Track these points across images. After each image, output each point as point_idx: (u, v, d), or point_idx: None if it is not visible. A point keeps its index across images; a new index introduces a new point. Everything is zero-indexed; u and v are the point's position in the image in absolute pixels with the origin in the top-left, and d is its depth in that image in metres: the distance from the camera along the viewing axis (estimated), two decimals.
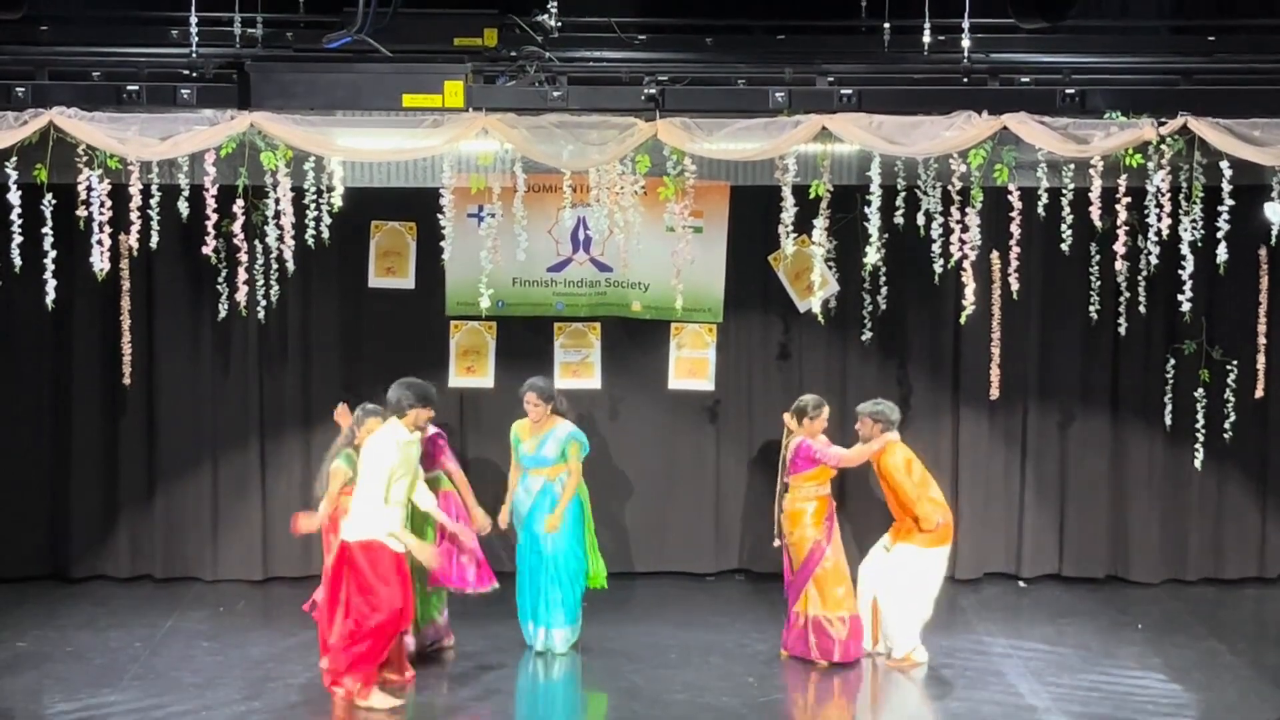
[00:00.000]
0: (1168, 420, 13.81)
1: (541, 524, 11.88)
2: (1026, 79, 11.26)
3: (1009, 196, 11.37)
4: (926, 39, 11.09)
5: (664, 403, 13.94)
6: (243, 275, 11.71)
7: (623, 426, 13.99)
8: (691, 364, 13.85)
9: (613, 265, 13.50)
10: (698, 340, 13.82)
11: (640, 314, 13.75)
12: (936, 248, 11.78)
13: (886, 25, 11.58)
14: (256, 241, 12.33)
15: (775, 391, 13.87)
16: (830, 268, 13.39)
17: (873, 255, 11.48)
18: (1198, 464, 13.78)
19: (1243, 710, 10.88)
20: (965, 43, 10.94)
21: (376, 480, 10.76)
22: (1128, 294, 13.34)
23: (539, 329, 13.86)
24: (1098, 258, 13.25)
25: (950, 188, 11.39)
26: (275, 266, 12.69)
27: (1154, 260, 11.47)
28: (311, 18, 11.62)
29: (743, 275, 13.80)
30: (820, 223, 11.67)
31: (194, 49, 10.75)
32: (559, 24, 11.07)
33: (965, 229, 11.41)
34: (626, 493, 13.97)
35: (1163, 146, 11.01)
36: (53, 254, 11.06)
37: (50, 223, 11.01)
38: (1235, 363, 13.72)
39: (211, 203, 11.05)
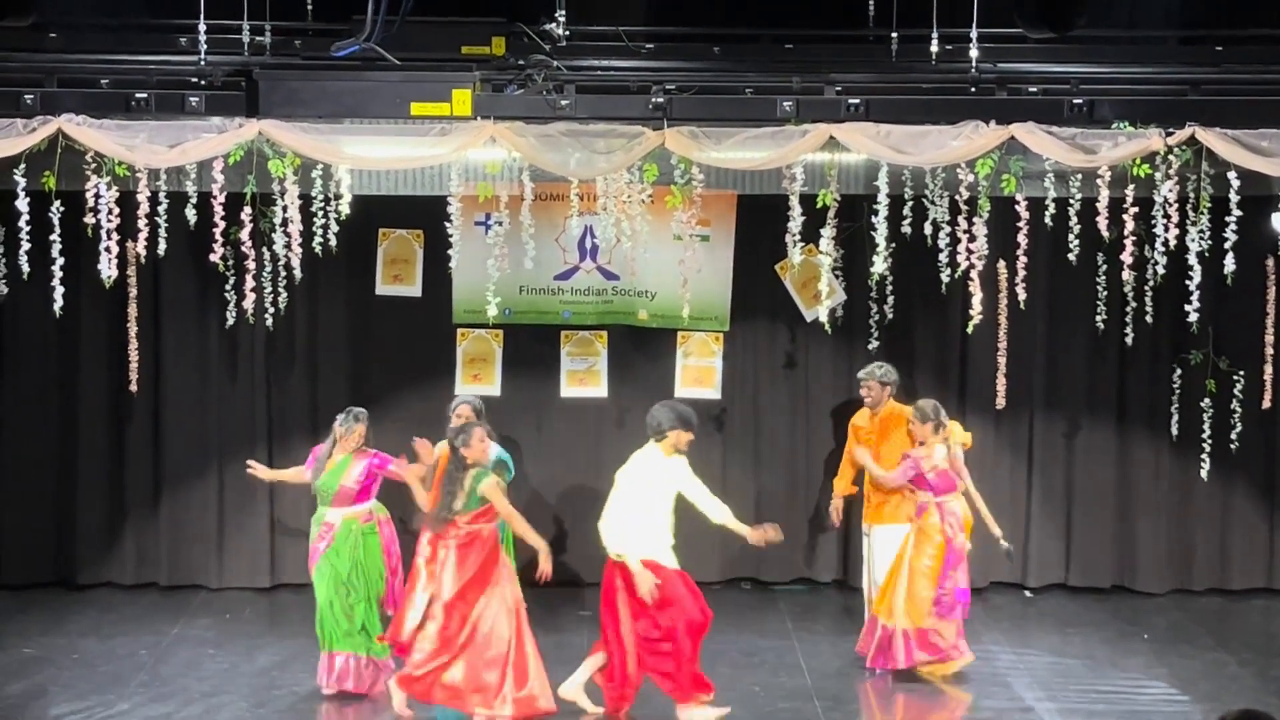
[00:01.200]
0: (1174, 430, 13.81)
1: None
2: (1034, 89, 11.26)
3: (1016, 206, 11.36)
4: (934, 48, 11.07)
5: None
6: (250, 283, 11.71)
7: (629, 435, 13.88)
8: (698, 372, 13.85)
9: (620, 274, 13.51)
10: (704, 349, 13.82)
11: (647, 322, 13.76)
12: (944, 257, 11.77)
13: (894, 35, 11.58)
14: (264, 249, 12.35)
15: (782, 400, 13.88)
16: (837, 277, 13.39)
17: (880, 264, 11.48)
18: (1204, 474, 13.78)
19: None
20: (973, 52, 10.91)
21: (658, 499, 10.75)
22: (1134, 304, 13.33)
23: (546, 337, 13.87)
24: (1104, 268, 13.24)
25: (958, 197, 11.38)
26: (283, 274, 12.71)
27: (1161, 270, 11.47)
28: (320, 26, 11.62)
29: (750, 284, 13.80)
30: (827, 232, 11.67)
31: (202, 57, 10.74)
32: (567, 33, 11.06)
33: (972, 238, 11.40)
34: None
35: (1170, 157, 10.99)
36: (60, 261, 11.07)
37: (58, 230, 11.01)
38: (1242, 373, 13.71)
39: (219, 210, 11.05)
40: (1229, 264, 11.10)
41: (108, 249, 11.04)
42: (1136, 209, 11.17)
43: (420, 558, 10.78)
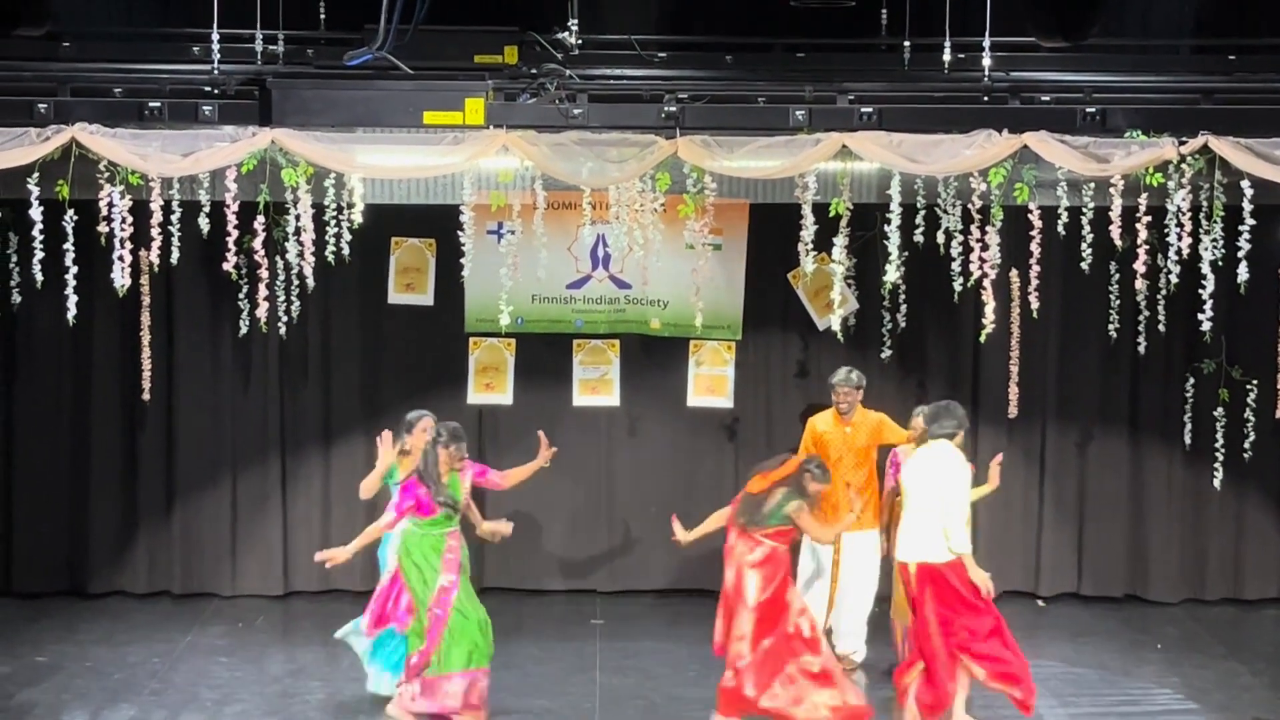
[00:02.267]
0: (1187, 439, 13.79)
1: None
2: (1047, 98, 11.25)
3: (1029, 215, 11.36)
4: (947, 57, 11.11)
5: (683, 420, 13.93)
6: (263, 291, 11.73)
7: (641, 444, 13.99)
8: (710, 381, 13.85)
9: (632, 282, 13.52)
10: (716, 358, 13.82)
11: (659, 331, 13.76)
12: (956, 266, 11.78)
13: (907, 44, 11.62)
14: (277, 258, 12.36)
15: (794, 409, 13.85)
16: (850, 286, 13.40)
17: (892, 273, 11.47)
18: (1217, 483, 13.76)
19: None
20: (986, 61, 10.94)
21: (965, 502, 10.64)
22: (1147, 313, 13.33)
23: (558, 346, 13.87)
24: (1117, 276, 13.24)
25: (970, 206, 11.38)
26: (295, 283, 12.73)
27: (1174, 279, 11.46)
28: (333, 35, 11.68)
29: (762, 293, 13.80)
30: (840, 241, 11.67)
31: (215, 66, 10.78)
32: (579, 42, 11.10)
33: (985, 247, 11.40)
34: (644, 510, 13.94)
35: (1183, 166, 11.00)
36: (74, 270, 11.08)
37: (72, 238, 11.02)
38: (1255, 382, 13.68)
39: (232, 219, 11.06)
40: (1242, 273, 11.09)
41: (121, 258, 11.04)
42: (1149, 218, 11.17)
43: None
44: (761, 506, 10.62)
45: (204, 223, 11.32)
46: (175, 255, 11.46)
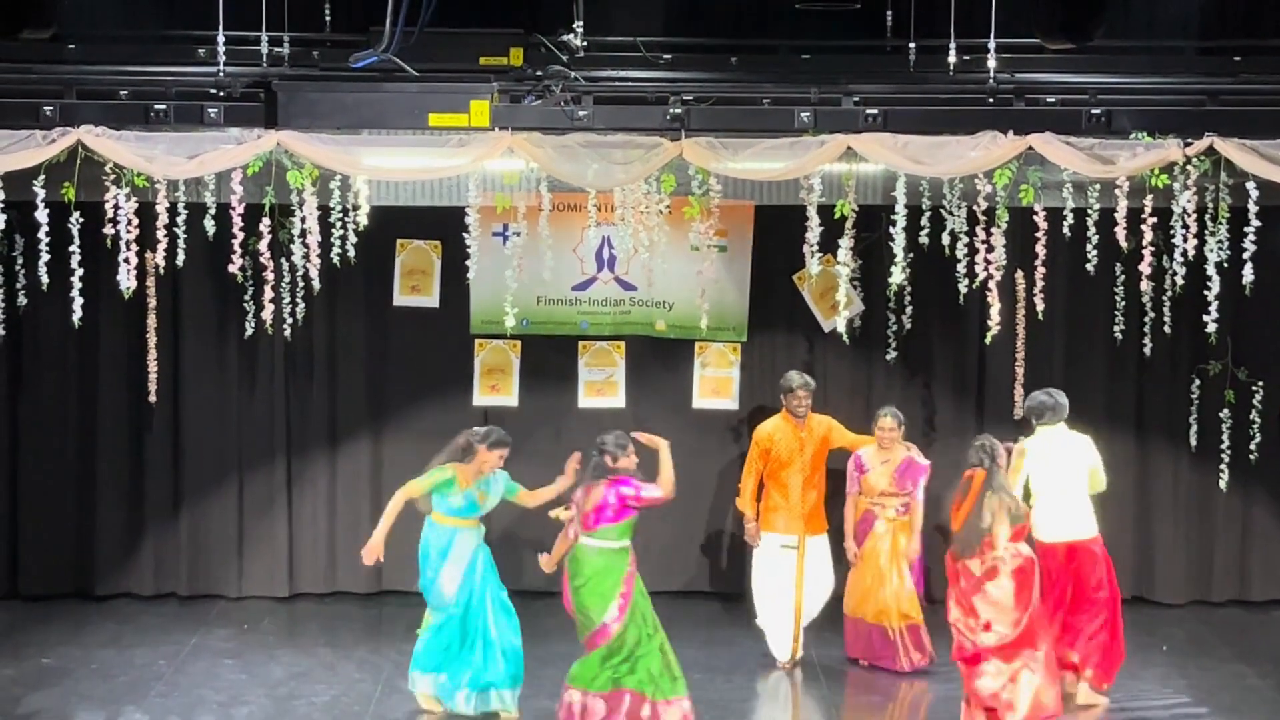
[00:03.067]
0: (1193, 441, 13.78)
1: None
2: (1052, 99, 11.25)
3: (1034, 217, 11.36)
4: (952, 59, 11.09)
5: (688, 422, 13.91)
6: (269, 293, 11.74)
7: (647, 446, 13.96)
8: (716, 383, 13.85)
9: (637, 284, 13.52)
10: (722, 359, 13.82)
11: (665, 333, 13.76)
12: (961, 268, 11.78)
13: (912, 45, 11.62)
14: (282, 260, 12.37)
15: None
16: (855, 287, 13.39)
17: (898, 275, 11.48)
18: (1223, 485, 13.75)
19: None
20: (991, 63, 10.93)
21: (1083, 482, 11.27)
22: (1153, 314, 13.33)
23: (563, 348, 13.88)
24: (1123, 278, 13.23)
25: (975, 208, 11.38)
26: (301, 285, 12.73)
27: (1179, 281, 11.46)
28: (338, 37, 11.70)
29: (767, 295, 13.80)
30: (845, 242, 11.68)
31: (221, 68, 10.80)
32: (584, 44, 11.11)
33: (990, 249, 11.40)
34: (650, 512, 13.89)
35: (1189, 167, 11.00)
36: (79, 272, 11.10)
37: (77, 241, 11.06)
38: (1261, 384, 13.68)
39: (238, 221, 11.07)
40: (1248, 274, 11.09)
41: (126, 260, 11.06)
42: (1155, 219, 11.17)
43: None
44: (979, 525, 10.44)
45: (210, 225, 11.34)
46: (181, 257, 11.47)
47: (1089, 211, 11.48)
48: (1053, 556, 11.20)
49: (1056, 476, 11.34)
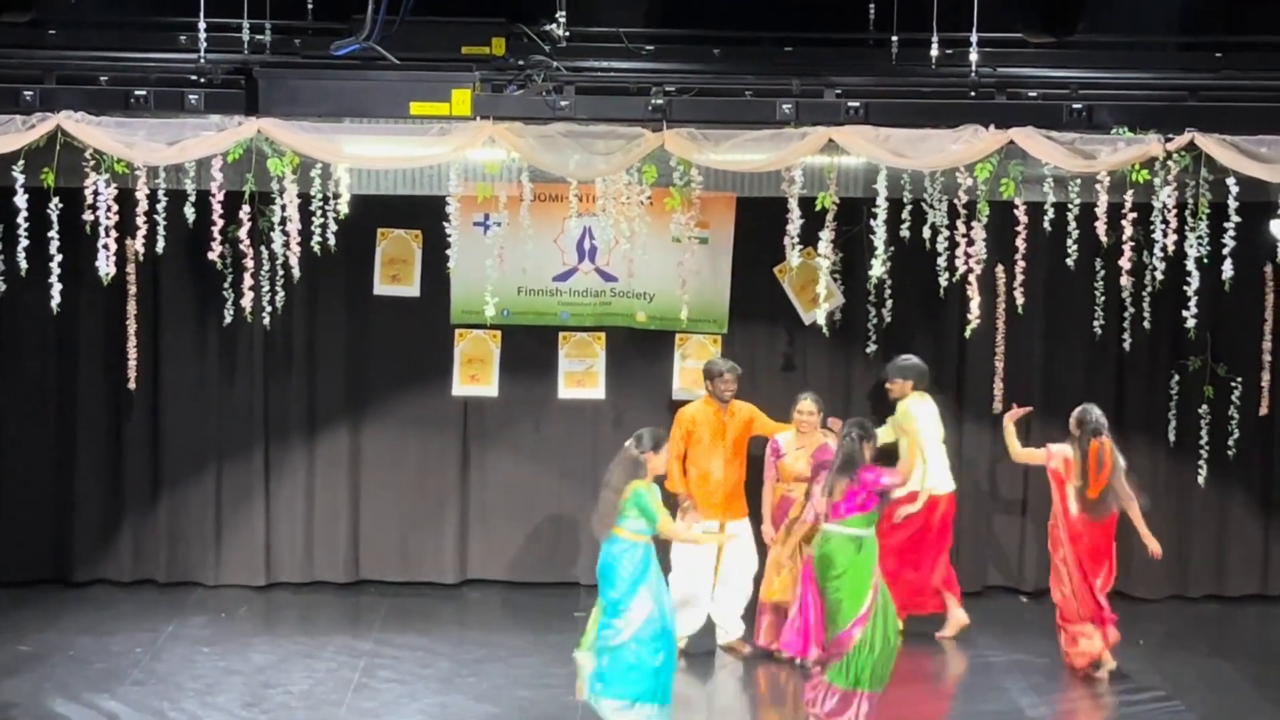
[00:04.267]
0: (1171, 436, 13.80)
1: None
2: (1034, 93, 11.26)
3: (1015, 211, 11.36)
4: (934, 52, 11.10)
5: (669, 413, 13.83)
6: (248, 281, 11.71)
7: (627, 436, 13.82)
8: (696, 374, 13.73)
9: (618, 275, 13.51)
10: (702, 351, 13.80)
11: (645, 324, 13.75)
12: (942, 261, 11.78)
13: (894, 38, 11.61)
14: (263, 248, 12.34)
15: (779, 403, 13.78)
16: (835, 280, 13.40)
17: (878, 268, 11.49)
18: (1201, 481, 13.78)
19: None
20: (973, 56, 10.95)
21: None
22: (1132, 309, 13.34)
23: (544, 338, 13.86)
24: (1103, 273, 13.23)
25: (956, 201, 11.38)
26: (281, 273, 12.71)
27: (1159, 276, 11.47)
28: (320, 25, 11.66)
29: (748, 286, 13.79)
30: (826, 235, 11.67)
31: (202, 55, 10.77)
32: (567, 34, 11.09)
33: (970, 242, 11.40)
34: None
35: (1169, 162, 11.00)
36: (59, 258, 11.08)
37: (57, 226, 11.03)
38: (1240, 380, 13.71)
39: (218, 208, 11.04)
40: (1227, 270, 11.12)
41: (106, 246, 11.03)
42: (1135, 214, 11.18)
43: None
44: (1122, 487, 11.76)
45: (190, 212, 11.29)
46: (161, 244, 11.43)
47: (1069, 206, 11.48)
48: (937, 506, 12.58)
49: (937, 434, 12.62)
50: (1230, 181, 10.92)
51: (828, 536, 10.52)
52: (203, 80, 10.86)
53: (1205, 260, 11.32)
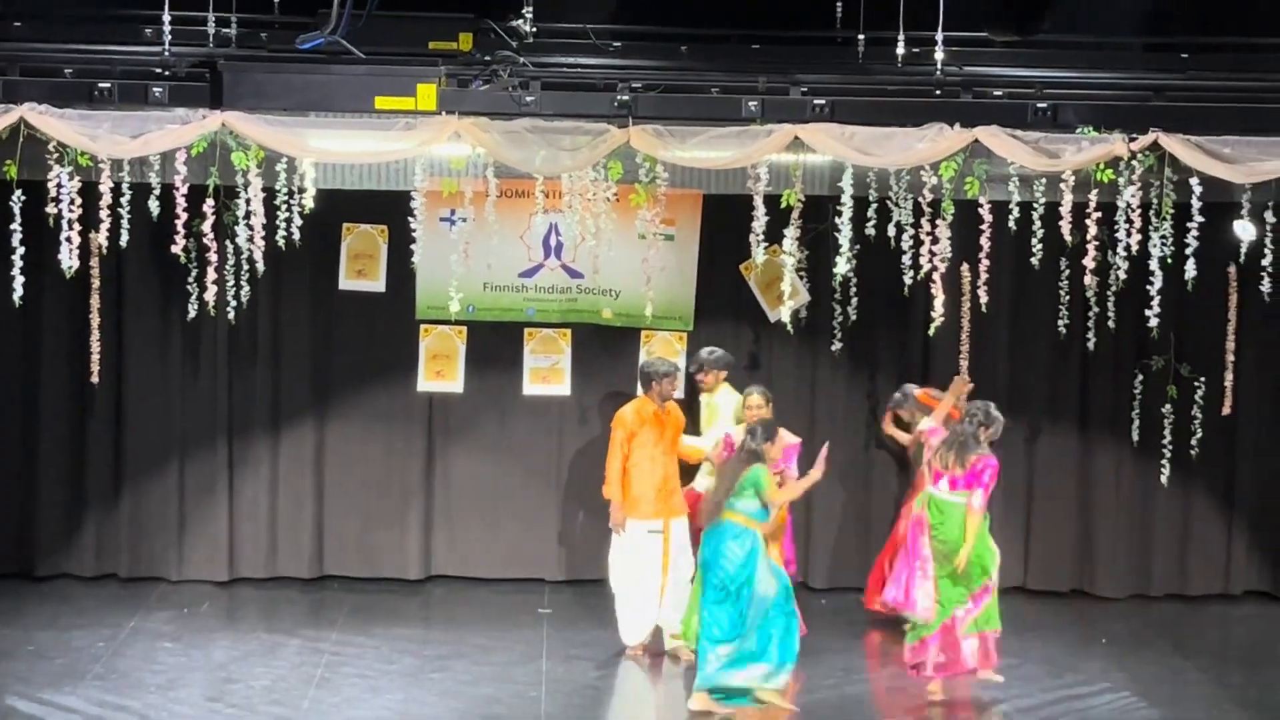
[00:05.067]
0: (1135, 436, 13.85)
1: None
2: (999, 92, 11.29)
3: (980, 210, 11.38)
4: (900, 51, 11.11)
5: None
6: (212, 275, 11.66)
7: (592, 433, 13.95)
8: None
9: (584, 272, 13.50)
10: (668, 348, 13.80)
11: (611, 321, 13.74)
12: (907, 259, 11.77)
13: (861, 37, 11.61)
14: (228, 242, 12.29)
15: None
16: (801, 278, 13.41)
17: (843, 266, 11.49)
18: (1164, 480, 13.82)
19: None
20: (939, 55, 10.95)
21: None
22: (1097, 309, 13.38)
23: (509, 334, 13.84)
24: (1068, 272, 13.27)
25: (921, 200, 11.39)
26: (246, 267, 12.67)
27: (1123, 276, 11.50)
28: (286, 19, 11.60)
29: (714, 284, 13.80)
30: (791, 232, 11.67)
31: (167, 48, 10.72)
32: (534, 29, 11.07)
33: (935, 241, 11.42)
34: (596, 499, 13.90)
35: (1134, 162, 11.03)
36: (21, 251, 11.01)
37: (19, 219, 10.96)
38: (1203, 380, 13.76)
39: (182, 202, 11.00)
40: (1190, 270, 11.15)
41: (69, 239, 10.96)
42: (1100, 214, 11.20)
43: None
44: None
45: (154, 205, 11.24)
46: (125, 237, 11.38)
47: (1034, 205, 11.50)
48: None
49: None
50: (1194, 182, 10.95)
51: (940, 504, 11.23)
52: (167, 73, 10.83)
53: (1169, 260, 11.35)
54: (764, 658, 11.02)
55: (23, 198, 10.95)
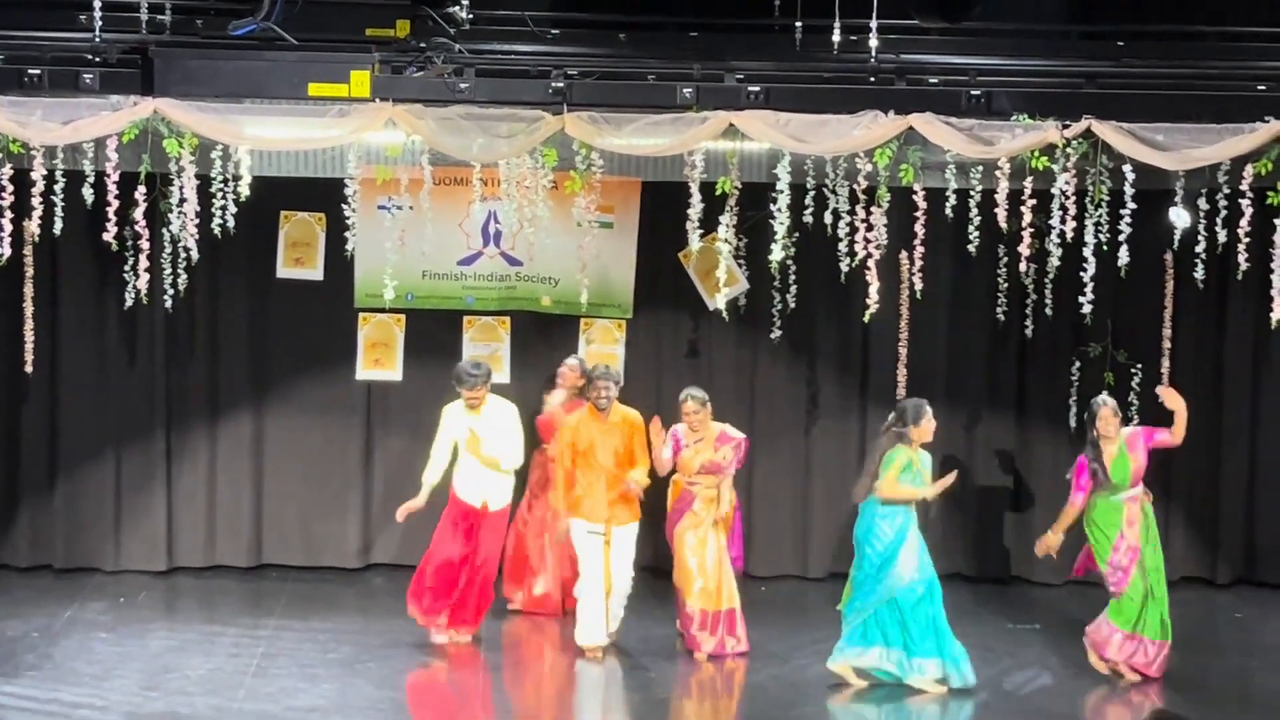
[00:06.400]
0: (1073, 423, 13.88)
1: None
2: (934, 80, 11.33)
3: (915, 197, 11.40)
4: (836, 38, 11.12)
5: None
6: (144, 263, 11.59)
7: (532, 420, 13.92)
8: (600, 359, 13.75)
9: (523, 259, 13.48)
10: (607, 336, 13.80)
11: (550, 309, 13.74)
12: (843, 246, 11.79)
13: (798, 24, 11.62)
14: (163, 230, 12.22)
15: (684, 388, 13.80)
16: (740, 266, 13.41)
17: (778, 252, 11.50)
18: None
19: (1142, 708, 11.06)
20: (873, 42, 10.98)
21: None
22: (1034, 296, 13.43)
23: (448, 322, 13.82)
24: (1004, 260, 13.31)
25: (857, 186, 11.41)
26: (183, 255, 12.60)
27: (1057, 262, 11.54)
28: (221, 5, 11.53)
29: (654, 272, 13.79)
30: (727, 220, 11.67)
31: (98, 34, 10.66)
32: (471, 16, 11.05)
33: (870, 228, 11.44)
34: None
35: (1068, 150, 11.08)
36: None
37: None
38: (1140, 366, 13.82)
39: (113, 189, 10.92)
40: (1124, 257, 11.21)
41: (1, 228, 10.89)
42: (1035, 201, 11.24)
43: None
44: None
45: (88, 193, 11.16)
46: (58, 225, 11.30)
47: (971, 193, 11.52)
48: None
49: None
50: (1127, 169, 11.01)
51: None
52: (98, 60, 10.77)
53: (1105, 247, 11.40)
54: (891, 643, 11.23)
55: None
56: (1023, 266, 11.64)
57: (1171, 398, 11.51)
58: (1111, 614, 11.54)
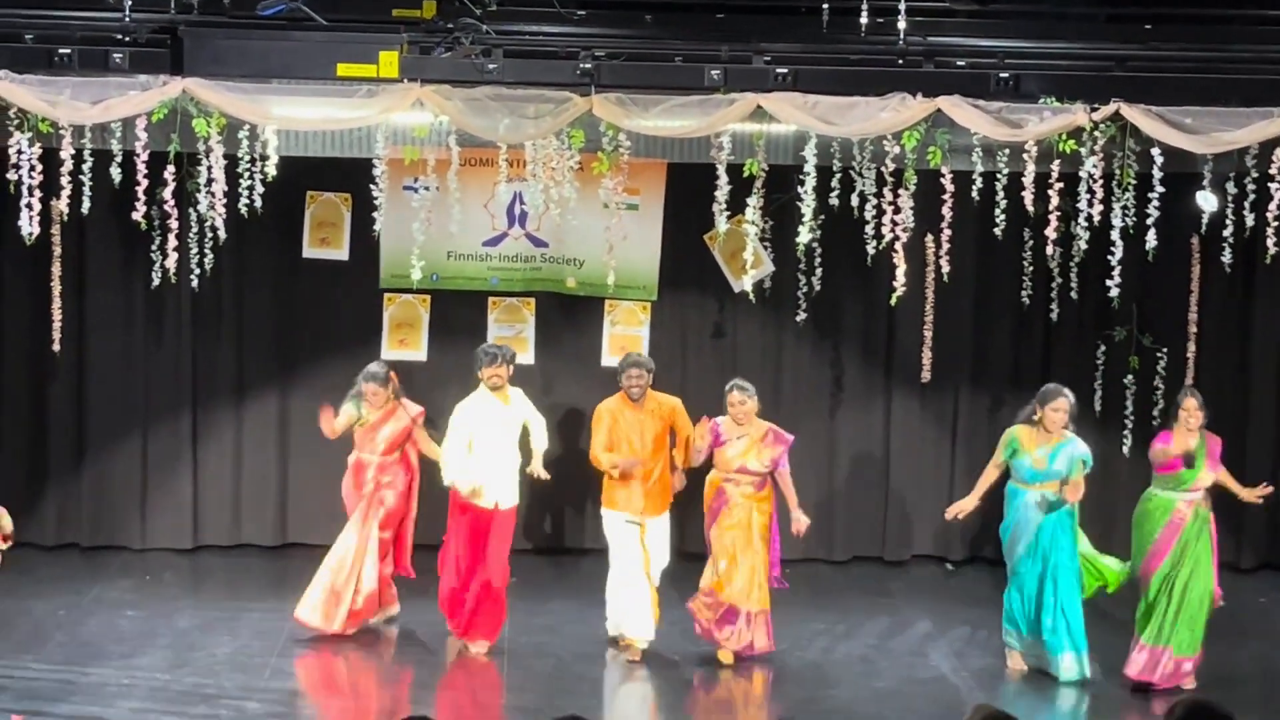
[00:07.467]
0: (1097, 406, 13.89)
1: None
2: (961, 62, 11.29)
3: (942, 179, 11.39)
4: (864, 20, 11.09)
5: (597, 379, 13.85)
6: (173, 243, 11.62)
7: (555, 402, 13.95)
8: (625, 341, 13.80)
9: (548, 241, 13.50)
10: (631, 318, 13.82)
11: (575, 290, 13.75)
12: (870, 229, 11.78)
13: (825, 6, 11.59)
14: (190, 209, 12.25)
15: (708, 370, 13.86)
16: (766, 248, 13.40)
17: (805, 235, 11.50)
18: (1126, 450, 13.88)
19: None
20: (901, 25, 10.95)
21: None
22: (1060, 279, 13.42)
23: (473, 303, 13.84)
24: (1031, 243, 13.30)
25: (884, 169, 11.39)
26: (210, 235, 12.63)
27: (1084, 246, 11.52)
28: None
29: (679, 253, 13.80)
30: (754, 202, 11.66)
31: (128, 13, 10.68)
32: None
33: (897, 210, 11.42)
34: (558, 470, 13.91)
35: (1096, 133, 11.05)
36: None
37: None
38: (1165, 350, 13.81)
39: (142, 169, 10.94)
40: (1151, 240, 11.18)
41: (29, 206, 10.92)
42: (1062, 184, 11.21)
43: None
44: None
45: (115, 172, 11.19)
46: (86, 204, 11.33)
47: (998, 176, 11.51)
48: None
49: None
50: (1155, 152, 10.98)
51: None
52: (128, 39, 10.77)
53: (1131, 231, 11.37)
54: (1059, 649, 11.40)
55: None
56: (1049, 250, 11.61)
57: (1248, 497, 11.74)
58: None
